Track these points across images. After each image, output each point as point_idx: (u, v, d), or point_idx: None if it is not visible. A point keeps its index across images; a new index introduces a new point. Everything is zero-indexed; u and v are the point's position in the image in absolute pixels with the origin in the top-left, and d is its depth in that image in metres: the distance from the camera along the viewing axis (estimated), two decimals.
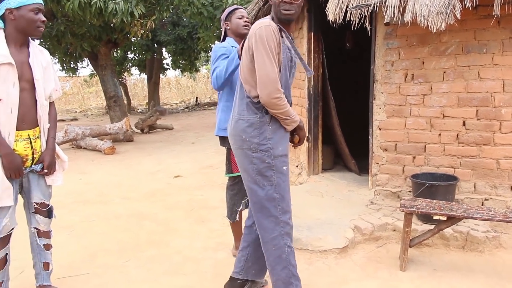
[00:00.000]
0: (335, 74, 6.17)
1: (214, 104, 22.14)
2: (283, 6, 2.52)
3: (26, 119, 2.67)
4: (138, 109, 20.09)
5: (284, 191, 2.65)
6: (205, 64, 25.49)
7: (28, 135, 2.70)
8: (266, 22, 2.49)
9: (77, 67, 15.79)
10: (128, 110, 16.96)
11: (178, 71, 21.38)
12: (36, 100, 2.70)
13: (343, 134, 5.65)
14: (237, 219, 3.68)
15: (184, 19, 15.97)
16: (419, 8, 3.65)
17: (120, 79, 18.52)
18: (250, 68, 2.56)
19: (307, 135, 2.99)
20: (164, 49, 17.69)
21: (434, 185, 3.99)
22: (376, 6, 3.87)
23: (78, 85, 26.48)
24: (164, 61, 19.70)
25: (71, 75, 16.66)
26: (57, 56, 14.06)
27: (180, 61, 18.55)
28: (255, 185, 2.64)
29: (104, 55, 11.49)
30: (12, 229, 2.71)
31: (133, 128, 11.67)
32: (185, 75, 27.14)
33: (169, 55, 18.12)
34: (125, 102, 17.61)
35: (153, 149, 9.38)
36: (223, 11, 4.19)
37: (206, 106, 20.98)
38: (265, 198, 2.61)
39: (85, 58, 14.13)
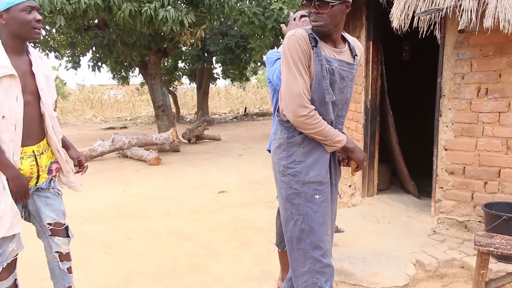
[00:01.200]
0: (391, 87, 5.69)
1: (263, 114, 21.89)
2: (311, 17, 2.19)
3: (31, 134, 2.40)
4: (187, 118, 20.13)
5: (314, 223, 2.28)
6: (254, 74, 25.32)
7: (33, 151, 2.44)
8: (292, 32, 2.18)
9: (128, 76, 15.94)
10: (177, 119, 17.01)
11: (228, 81, 21.33)
12: (40, 113, 2.43)
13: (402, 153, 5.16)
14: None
15: (235, 28, 15.83)
16: (503, 12, 3.16)
17: (170, 88, 18.63)
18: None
19: (365, 157, 2.55)
20: (214, 59, 17.63)
21: None
22: (449, 10, 3.40)
23: (130, 93, 27.03)
24: (214, 71, 19.66)
25: (122, 83, 16.86)
26: (108, 65, 14.24)
27: (230, 71, 18.44)
28: (284, 212, 2.37)
29: (153, 64, 11.45)
30: (17, 254, 2.45)
31: (180, 138, 11.54)
32: (235, 85, 27.12)
33: (219, 64, 18.05)
34: (174, 111, 17.68)
35: (199, 161, 9.15)
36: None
37: (254, 117, 20.75)
38: (293, 228, 2.32)
39: (135, 67, 14.21)
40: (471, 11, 3.35)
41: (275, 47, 14.43)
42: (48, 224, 2.55)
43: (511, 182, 3.89)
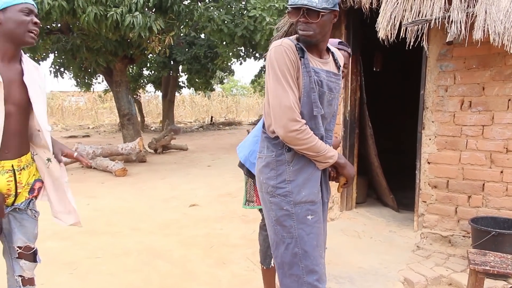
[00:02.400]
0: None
1: (229, 123, 21.68)
2: (299, 26, 2.04)
3: (10, 147, 2.15)
4: (152, 127, 19.69)
5: (308, 246, 2.11)
6: (221, 83, 25.14)
7: (12, 166, 2.19)
8: (278, 42, 2.03)
9: (92, 82, 15.44)
10: (141, 128, 16.56)
11: (192, 89, 21.05)
12: (23, 125, 2.20)
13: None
14: (272, 265, 3.07)
15: (203, 37, 15.62)
16: (492, 24, 3.09)
17: (134, 96, 18.17)
18: (267, 98, 2.11)
19: (354, 174, 2.40)
20: (180, 68, 17.34)
21: (501, 234, 3.36)
22: (438, 21, 3.31)
23: (92, 101, 26.29)
24: (180, 79, 19.33)
25: (85, 90, 16.31)
26: (71, 71, 13.72)
27: (196, 80, 18.18)
28: (274, 236, 2.19)
29: (119, 71, 11.07)
30: None
31: (146, 148, 11.17)
32: (199, 94, 26.82)
33: (185, 74, 17.77)
34: (139, 119, 17.23)
35: (167, 172, 8.83)
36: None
37: (221, 126, 20.52)
38: (285, 252, 2.14)
39: (99, 74, 13.75)
40: (460, 23, 3.27)
41: (243, 55, 14.35)
42: (18, 247, 2.30)
43: (495, 196, 3.83)
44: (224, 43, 11.82)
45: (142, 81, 19.23)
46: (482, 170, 3.89)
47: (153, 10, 9.68)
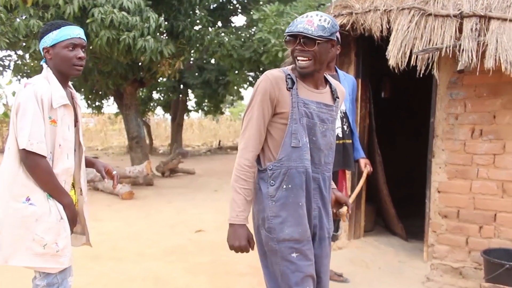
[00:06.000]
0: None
1: (237, 148, 21.63)
2: (295, 54, 2.05)
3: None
4: (160, 150, 19.71)
5: (293, 284, 2.07)
6: (228, 107, 25.24)
7: (72, 183, 2.45)
8: (268, 72, 2.07)
9: (102, 105, 15.55)
10: (149, 151, 16.59)
11: (200, 113, 21.16)
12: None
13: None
14: None
15: (213, 62, 15.75)
16: (504, 53, 3.07)
17: (144, 119, 18.27)
18: None
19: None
20: (190, 91, 17.44)
21: None
22: (449, 50, 3.29)
23: (102, 122, 26.46)
24: (189, 103, 19.44)
25: (97, 113, 16.43)
26: (83, 93, 13.85)
27: (205, 103, 18.27)
28: (264, 268, 2.22)
29: (129, 94, 11.14)
30: None
31: (153, 171, 11.16)
32: (207, 117, 26.93)
33: (195, 99, 17.90)
34: (147, 142, 17.27)
35: (173, 196, 8.79)
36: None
37: (229, 150, 20.48)
38: (272, 286, 2.16)
39: (110, 96, 13.86)
40: (471, 51, 3.25)
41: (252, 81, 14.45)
42: None
43: (508, 227, 3.74)
44: (234, 68, 11.92)
45: (152, 104, 19.36)
46: (494, 200, 3.81)
47: (165, 35, 9.81)
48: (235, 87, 12.79)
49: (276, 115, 2.09)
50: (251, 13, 10.57)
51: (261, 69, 11.01)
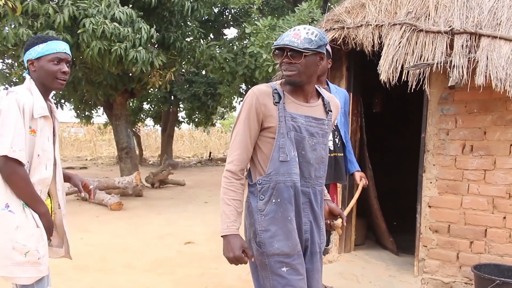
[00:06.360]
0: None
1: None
2: (283, 67, 2.07)
3: None
4: (150, 161, 19.60)
5: None
6: (222, 119, 25.24)
7: (48, 194, 2.45)
8: (256, 86, 2.11)
9: (92, 115, 15.45)
10: (139, 161, 16.48)
11: (192, 125, 21.08)
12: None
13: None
14: None
15: (203, 74, 15.75)
16: (494, 70, 3.11)
17: (134, 130, 18.17)
18: None
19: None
20: (181, 105, 17.39)
21: (506, 283, 3.26)
22: (440, 66, 3.32)
23: (91, 132, 26.30)
24: (180, 114, 19.39)
25: (86, 123, 16.32)
26: (72, 103, 13.75)
27: (195, 115, 18.22)
28: (255, 281, 2.22)
29: (119, 105, 11.09)
30: None
31: (143, 182, 11.07)
32: (198, 129, 26.88)
33: (185, 111, 17.85)
34: (137, 153, 17.17)
35: (163, 207, 8.72)
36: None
37: (219, 162, 20.42)
38: None
39: (100, 107, 13.78)
40: (462, 68, 3.29)
41: (243, 93, 14.45)
42: None
43: (498, 242, 3.75)
44: (226, 81, 11.91)
45: (142, 115, 19.27)
46: (485, 216, 3.83)
47: (156, 46, 9.81)
48: (226, 100, 12.78)
49: (264, 130, 2.10)
50: (243, 26, 10.61)
51: (254, 80, 11.01)
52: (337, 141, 3.50)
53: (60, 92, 12.59)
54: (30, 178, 2.24)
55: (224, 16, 15.54)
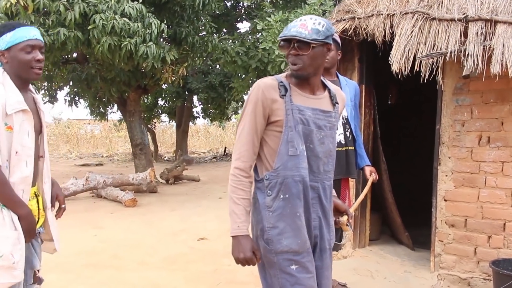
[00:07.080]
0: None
1: None
2: (289, 59, 1.99)
3: (35, 174, 2.28)
4: (165, 157, 19.68)
5: None
6: (235, 113, 25.20)
7: (35, 192, 2.32)
8: (261, 80, 2.04)
9: (106, 112, 15.54)
10: (155, 158, 16.56)
11: (207, 120, 21.09)
12: (37, 153, 2.32)
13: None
14: None
15: (218, 67, 15.70)
16: (511, 58, 2.99)
17: (149, 126, 18.24)
18: None
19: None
20: (195, 97, 17.37)
21: None
22: (454, 55, 3.21)
23: (107, 129, 26.51)
24: (194, 109, 19.39)
25: (100, 120, 16.43)
26: (86, 100, 13.85)
27: (211, 110, 18.20)
28: (263, 280, 2.16)
29: (133, 101, 11.11)
30: None
31: (157, 178, 11.10)
32: (214, 124, 26.92)
33: (200, 103, 17.80)
34: (152, 149, 17.24)
35: (177, 203, 8.71)
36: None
37: None
38: None
39: (114, 103, 13.84)
40: (476, 56, 3.17)
41: None
42: (37, 270, 2.36)
43: None
44: (238, 75, 11.85)
45: (157, 111, 19.33)
46: (503, 209, 3.71)
47: (168, 41, 9.77)
48: (239, 94, 12.70)
49: (271, 124, 2.03)
50: (255, 21, 10.53)
51: (267, 75, 10.92)
52: (348, 134, 3.41)
53: (75, 90, 12.68)
54: (11, 177, 2.11)
55: (237, 10, 15.45)
